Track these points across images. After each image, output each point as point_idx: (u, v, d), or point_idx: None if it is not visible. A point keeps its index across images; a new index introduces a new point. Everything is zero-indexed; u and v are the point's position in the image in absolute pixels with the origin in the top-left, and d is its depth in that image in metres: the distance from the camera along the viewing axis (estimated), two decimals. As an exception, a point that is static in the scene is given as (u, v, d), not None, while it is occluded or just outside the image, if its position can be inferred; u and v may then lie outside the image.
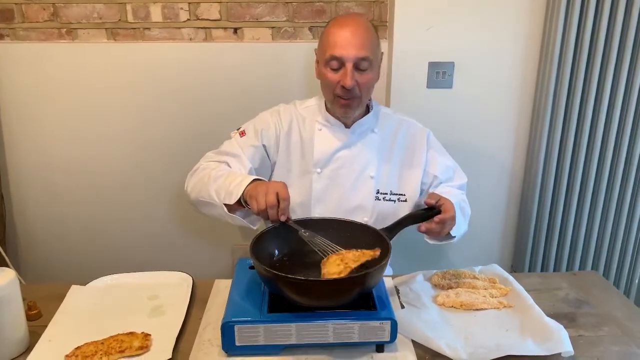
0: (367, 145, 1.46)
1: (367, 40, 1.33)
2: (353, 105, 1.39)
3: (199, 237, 2.12)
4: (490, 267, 1.38)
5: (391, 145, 1.49)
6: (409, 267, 1.43)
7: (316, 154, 1.44)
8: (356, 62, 1.33)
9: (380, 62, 1.44)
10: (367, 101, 1.44)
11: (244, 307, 1.06)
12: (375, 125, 1.49)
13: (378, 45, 1.39)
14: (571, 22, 1.73)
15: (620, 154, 1.88)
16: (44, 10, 1.86)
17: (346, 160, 1.45)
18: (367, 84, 1.37)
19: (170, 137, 1.98)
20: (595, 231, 1.98)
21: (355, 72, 1.34)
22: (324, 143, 1.45)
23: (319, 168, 1.45)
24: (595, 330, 1.15)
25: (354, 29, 1.33)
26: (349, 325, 1.02)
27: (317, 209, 1.45)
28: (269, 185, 1.17)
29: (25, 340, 1.09)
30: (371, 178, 1.46)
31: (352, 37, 1.32)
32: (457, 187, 1.52)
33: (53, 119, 1.96)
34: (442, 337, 1.08)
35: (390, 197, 1.47)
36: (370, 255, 1.08)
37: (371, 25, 1.39)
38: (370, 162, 1.46)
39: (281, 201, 1.14)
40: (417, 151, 1.50)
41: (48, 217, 2.09)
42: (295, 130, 1.48)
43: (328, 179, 1.45)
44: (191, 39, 1.91)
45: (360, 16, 1.43)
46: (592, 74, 1.79)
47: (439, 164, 1.51)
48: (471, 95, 1.89)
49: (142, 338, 1.08)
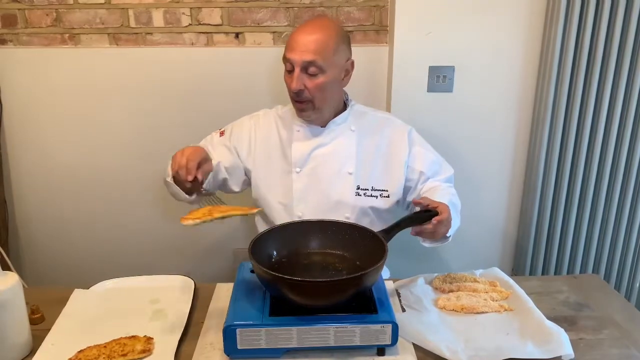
0: (344, 142, 1.48)
1: (318, 44, 1.34)
2: (306, 108, 1.41)
3: (201, 241, 2.13)
4: (491, 270, 1.38)
5: (371, 142, 1.50)
6: (409, 271, 1.44)
7: (294, 153, 1.47)
8: (303, 65, 1.35)
9: (350, 69, 1.45)
10: (324, 105, 1.42)
11: (246, 310, 1.07)
12: (353, 123, 1.50)
13: (337, 51, 1.38)
14: (571, 26, 1.73)
15: (621, 157, 1.89)
16: (47, 15, 1.88)
17: (323, 158, 1.47)
18: (317, 88, 1.37)
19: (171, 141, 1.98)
20: (596, 234, 1.98)
21: (304, 76, 1.36)
22: (301, 143, 1.48)
23: (298, 167, 1.47)
24: (596, 334, 1.15)
25: (307, 33, 1.35)
26: (350, 328, 1.03)
27: (299, 207, 1.47)
28: (184, 149, 1.22)
29: (28, 344, 1.10)
30: (349, 174, 1.47)
31: (303, 41, 1.34)
32: (444, 180, 1.53)
33: (55, 123, 1.97)
34: (443, 340, 1.08)
35: (372, 193, 1.49)
36: (241, 211, 1.12)
37: (335, 31, 1.38)
38: (348, 158, 1.47)
39: (188, 161, 1.18)
40: (399, 147, 1.50)
41: (50, 221, 2.09)
42: (274, 133, 1.52)
43: (307, 178, 1.47)
44: (193, 44, 1.92)
45: (322, 20, 1.42)
46: (592, 78, 1.79)
47: (424, 160, 1.52)
48: (471, 99, 1.90)
49: (145, 342, 1.08)
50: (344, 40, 1.42)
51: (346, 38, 1.43)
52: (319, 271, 1.17)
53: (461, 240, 2.08)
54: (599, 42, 1.75)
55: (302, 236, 1.23)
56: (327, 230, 1.23)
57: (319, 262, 1.20)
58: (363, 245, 1.18)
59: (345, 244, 1.21)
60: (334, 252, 1.22)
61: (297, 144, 1.48)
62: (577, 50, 1.77)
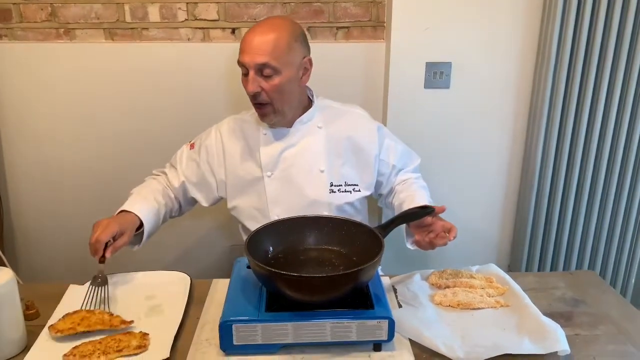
0: (312, 140, 1.46)
1: (269, 45, 1.30)
2: (267, 111, 1.38)
3: (197, 237, 2.13)
4: (487, 266, 1.38)
5: (340, 137, 1.48)
6: (406, 267, 1.44)
7: (263, 158, 1.45)
8: (257, 67, 1.32)
9: (308, 66, 1.41)
10: (284, 106, 1.39)
11: (242, 306, 1.07)
12: (320, 120, 1.48)
13: (290, 50, 1.34)
14: (568, 21, 1.73)
15: (617, 153, 1.89)
16: (42, 10, 1.86)
17: (294, 159, 1.46)
18: (274, 89, 1.34)
19: (167, 137, 1.98)
20: (592, 231, 1.99)
21: (259, 78, 1.33)
22: (269, 146, 1.46)
23: (269, 172, 1.46)
24: (592, 330, 1.15)
25: (258, 34, 1.32)
26: (346, 324, 1.03)
27: (275, 210, 1.46)
28: (98, 224, 1.29)
29: (23, 339, 1.09)
30: (321, 172, 1.46)
31: (253, 43, 1.31)
32: (412, 171, 1.56)
33: (51, 119, 1.96)
34: (439, 336, 1.08)
35: (346, 188, 1.48)
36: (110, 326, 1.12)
37: (288, 30, 1.35)
38: (318, 156, 1.46)
39: (96, 242, 1.25)
40: (368, 140, 1.49)
41: (46, 217, 2.09)
42: (241, 138, 1.50)
43: (280, 180, 1.46)
44: (189, 39, 1.91)
45: (275, 20, 1.38)
46: (589, 74, 1.80)
47: (395, 153, 1.53)
48: (468, 95, 1.90)
49: (140, 337, 1.08)
50: (298, 38, 1.37)
51: (300, 36, 1.39)
52: (316, 267, 1.17)
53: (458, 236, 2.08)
54: (596, 37, 1.75)
55: (298, 232, 1.23)
56: (324, 226, 1.24)
57: (315, 258, 1.20)
58: (359, 241, 1.18)
59: (342, 240, 1.21)
60: (330, 248, 1.22)
61: (265, 148, 1.46)
62: (575, 45, 1.77)
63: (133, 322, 1.14)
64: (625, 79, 1.81)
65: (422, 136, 1.93)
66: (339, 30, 1.92)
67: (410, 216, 1.24)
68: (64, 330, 1.09)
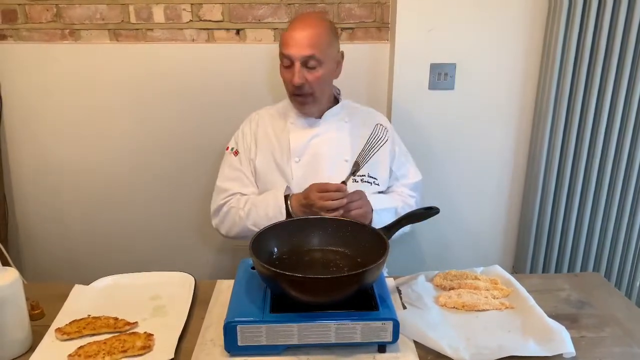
0: (339, 132, 1.55)
1: (314, 39, 1.40)
2: (307, 101, 1.48)
3: (201, 238, 2.13)
4: (492, 268, 1.37)
5: (363, 134, 1.52)
6: (410, 268, 1.43)
7: (292, 144, 1.53)
8: (303, 60, 1.41)
9: (340, 60, 1.52)
10: (323, 96, 1.50)
11: (247, 307, 1.06)
12: (346, 116, 1.58)
13: (330, 43, 1.45)
14: (573, 22, 1.73)
15: (622, 154, 1.88)
16: (47, 11, 1.87)
17: (321, 147, 1.53)
18: (317, 81, 1.44)
19: (172, 138, 1.99)
20: (596, 232, 1.98)
21: (304, 70, 1.42)
22: (299, 133, 1.54)
23: (297, 157, 1.53)
24: (597, 331, 1.14)
25: (302, 29, 1.41)
26: (351, 325, 1.03)
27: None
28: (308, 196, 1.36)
29: (28, 340, 1.09)
30: (345, 162, 1.52)
31: (299, 37, 1.41)
32: (411, 186, 1.61)
33: (55, 120, 1.97)
34: (444, 337, 1.08)
35: (368, 180, 1.54)
36: (114, 328, 1.13)
37: (327, 25, 1.46)
38: (344, 146, 1.54)
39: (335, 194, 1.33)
40: (384, 139, 1.52)
41: (50, 217, 2.09)
42: (269, 128, 1.57)
43: (306, 166, 1.52)
44: (193, 40, 1.91)
45: (314, 16, 1.50)
46: (594, 74, 1.79)
47: (397, 160, 1.61)
48: (473, 96, 1.89)
49: (145, 338, 1.08)
50: (335, 33, 1.50)
51: (335, 31, 1.51)
52: (320, 268, 1.17)
53: (462, 237, 2.09)
54: (601, 38, 1.74)
55: (303, 233, 1.23)
56: (328, 228, 1.23)
57: (319, 259, 1.20)
58: (364, 242, 1.18)
59: (346, 241, 1.21)
60: (335, 249, 1.22)
61: (295, 135, 1.53)
62: (579, 46, 1.77)
63: (137, 322, 1.15)
64: (631, 79, 1.80)
65: (426, 137, 1.93)
66: (343, 31, 1.92)
67: (415, 217, 1.24)
68: (70, 333, 1.10)
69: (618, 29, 1.73)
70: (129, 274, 1.35)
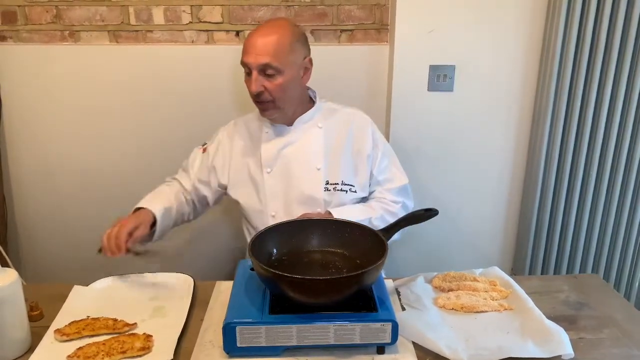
0: (311, 139, 1.50)
1: (272, 46, 1.35)
2: (269, 108, 1.43)
3: (201, 239, 2.13)
4: (491, 269, 1.38)
5: (338, 138, 1.51)
6: (409, 270, 1.44)
7: (263, 154, 1.50)
8: (260, 68, 1.36)
9: (308, 66, 1.46)
10: (287, 104, 1.44)
11: (246, 308, 1.07)
12: (320, 120, 1.52)
13: (292, 51, 1.39)
14: (572, 24, 1.73)
15: (621, 156, 1.89)
16: (47, 12, 1.87)
17: (292, 156, 1.49)
18: (277, 89, 1.39)
19: (172, 139, 1.99)
20: (595, 234, 1.99)
21: (262, 78, 1.38)
22: (270, 143, 1.50)
23: (269, 168, 1.49)
24: (596, 333, 1.15)
25: (260, 35, 1.37)
26: (350, 327, 1.03)
27: (272, 205, 1.50)
28: (117, 221, 1.35)
29: (27, 341, 1.09)
30: (318, 170, 1.49)
31: (257, 44, 1.36)
32: (395, 191, 1.54)
33: (55, 121, 1.97)
34: (443, 339, 1.08)
35: (342, 187, 1.50)
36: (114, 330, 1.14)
37: (289, 31, 1.39)
38: (316, 154, 1.49)
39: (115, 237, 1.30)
40: (363, 142, 1.52)
41: (50, 218, 2.09)
42: (246, 138, 1.54)
43: (279, 176, 1.50)
44: (193, 42, 1.92)
45: (276, 22, 1.43)
46: (593, 77, 1.79)
47: (379, 164, 1.53)
48: (472, 98, 1.90)
49: (144, 339, 1.08)
50: (299, 38, 1.42)
51: (301, 36, 1.44)
52: (319, 269, 1.17)
53: (461, 239, 2.09)
54: (600, 40, 1.75)
55: (302, 234, 1.23)
56: (327, 229, 1.24)
57: (319, 260, 1.20)
58: (363, 243, 1.18)
59: (346, 243, 1.22)
60: (334, 251, 1.22)
61: (266, 145, 1.50)
62: (578, 48, 1.77)
63: (137, 324, 1.15)
64: (630, 80, 1.80)
65: (425, 139, 1.93)
66: (342, 33, 1.92)
67: (414, 219, 1.24)
68: (69, 334, 1.10)
69: (617, 28, 1.73)
70: (128, 275, 1.35)
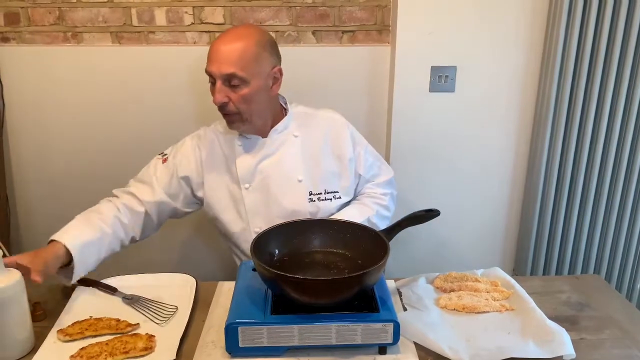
0: (289, 150, 1.44)
1: (237, 55, 1.28)
2: (234, 120, 1.36)
3: (203, 240, 2.13)
4: (493, 270, 1.38)
5: (316, 145, 1.46)
6: (411, 270, 1.44)
7: (240, 170, 1.42)
8: (224, 78, 1.30)
9: (278, 76, 1.39)
10: (254, 115, 1.36)
11: (248, 308, 1.07)
12: (296, 128, 1.46)
13: (259, 60, 1.31)
14: (573, 24, 1.74)
15: (623, 156, 1.89)
16: (50, 13, 1.88)
17: (271, 170, 1.43)
18: (241, 100, 1.31)
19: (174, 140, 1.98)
20: (597, 234, 1.99)
21: (227, 88, 1.31)
22: (245, 157, 1.43)
23: (247, 183, 1.43)
24: (597, 334, 1.15)
25: (225, 43, 1.29)
26: (351, 327, 1.03)
27: (255, 221, 1.44)
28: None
29: (30, 341, 1.10)
30: (299, 182, 1.43)
31: (220, 52, 1.29)
32: (383, 185, 1.53)
33: (58, 122, 1.97)
34: (445, 339, 1.08)
35: (326, 196, 1.46)
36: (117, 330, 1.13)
37: (256, 39, 1.31)
38: (296, 166, 1.44)
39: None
40: (342, 146, 1.48)
41: (52, 218, 2.08)
42: (217, 150, 1.46)
43: (258, 192, 1.43)
44: (195, 43, 1.92)
45: (242, 29, 1.34)
46: (594, 77, 1.79)
47: (364, 162, 1.51)
48: (473, 99, 1.90)
49: (147, 339, 1.09)
50: (266, 47, 1.34)
51: (269, 45, 1.35)
52: (321, 270, 1.18)
53: (462, 239, 2.09)
54: (601, 41, 1.75)
55: (303, 235, 1.24)
56: (329, 229, 1.24)
57: (320, 261, 1.20)
58: (365, 244, 1.18)
59: (347, 243, 1.22)
60: (335, 251, 1.22)
61: (241, 159, 1.43)
62: (580, 49, 1.77)
63: (139, 324, 1.15)
64: (631, 81, 1.80)
65: (426, 139, 1.93)
66: (344, 34, 1.92)
67: (416, 219, 1.24)
68: (72, 335, 1.10)
69: (618, 29, 1.73)
70: (130, 275, 1.36)
